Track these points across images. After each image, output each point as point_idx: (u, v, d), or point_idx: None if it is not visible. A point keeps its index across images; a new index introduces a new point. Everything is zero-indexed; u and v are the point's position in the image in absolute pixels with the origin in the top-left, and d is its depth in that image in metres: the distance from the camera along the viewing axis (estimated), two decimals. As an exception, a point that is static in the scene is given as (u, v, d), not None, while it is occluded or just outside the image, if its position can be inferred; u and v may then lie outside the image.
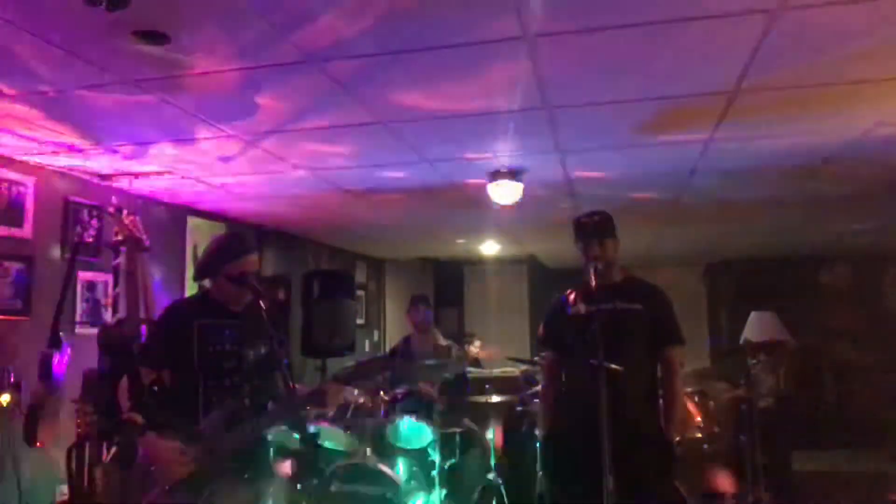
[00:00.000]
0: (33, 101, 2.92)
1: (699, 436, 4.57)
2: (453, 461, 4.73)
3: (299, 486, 3.75)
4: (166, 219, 5.04)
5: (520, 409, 5.35)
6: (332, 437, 4.23)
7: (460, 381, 5.14)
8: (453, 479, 4.70)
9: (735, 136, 3.56)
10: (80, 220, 4.19)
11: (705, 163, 4.11)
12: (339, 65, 2.59)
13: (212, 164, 4.04)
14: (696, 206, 5.50)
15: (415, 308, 5.52)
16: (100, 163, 3.94)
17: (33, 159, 3.81)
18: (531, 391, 4.84)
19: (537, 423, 3.89)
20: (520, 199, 4.48)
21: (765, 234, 7.10)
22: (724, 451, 5.12)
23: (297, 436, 2.25)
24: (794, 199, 5.25)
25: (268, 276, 6.18)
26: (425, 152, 3.86)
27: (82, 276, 4.19)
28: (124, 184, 4.34)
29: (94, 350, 3.28)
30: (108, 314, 4.29)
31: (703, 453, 4.86)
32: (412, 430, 4.47)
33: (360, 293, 8.14)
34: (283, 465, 3.92)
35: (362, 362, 2.74)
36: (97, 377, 3.21)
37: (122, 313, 3.54)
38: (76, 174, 4.15)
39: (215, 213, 5.56)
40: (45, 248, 3.97)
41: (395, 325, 8.90)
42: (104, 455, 3.07)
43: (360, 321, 7.96)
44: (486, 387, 5.03)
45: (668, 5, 2.16)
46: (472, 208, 5.34)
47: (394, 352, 5.61)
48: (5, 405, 3.47)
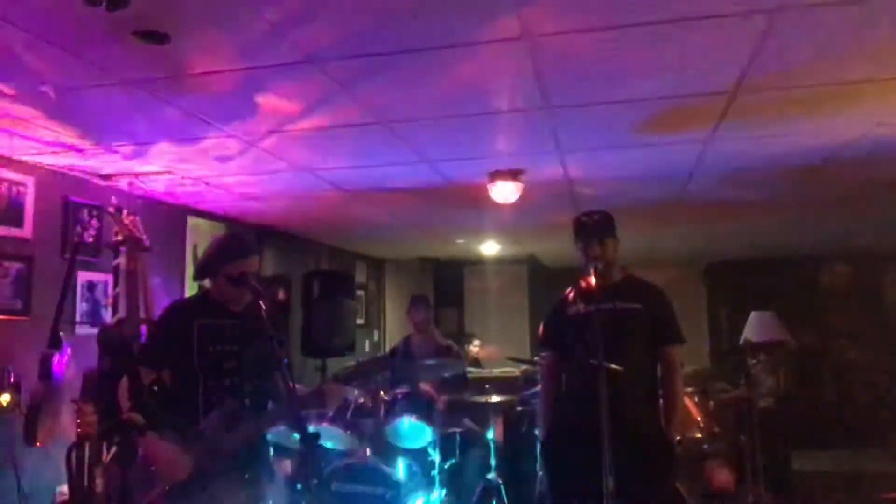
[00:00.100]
0: (33, 102, 2.92)
1: (699, 436, 4.57)
2: (453, 461, 4.74)
3: (299, 486, 3.76)
4: (166, 219, 5.04)
5: (520, 409, 5.35)
6: (332, 437, 4.24)
7: (460, 381, 5.14)
8: (453, 479, 4.70)
9: (735, 136, 3.56)
10: (79, 219, 4.19)
11: (705, 163, 4.11)
12: (339, 65, 2.58)
13: (212, 164, 4.03)
14: (696, 206, 5.49)
15: (415, 308, 5.51)
16: (100, 163, 3.94)
17: (33, 159, 3.81)
18: (531, 391, 4.84)
19: (537, 423, 3.90)
20: (520, 199, 4.49)
21: (765, 234, 7.09)
22: (724, 451, 5.13)
23: (297, 436, 2.25)
24: (794, 199, 5.25)
25: (268, 276, 6.17)
26: (425, 152, 3.86)
27: (82, 276, 4.18)
28: (124, 184, 4.35)
29: (94, 350, 3.28)
30: (108, 314, 4.29)
31: (703, 453, 4.87)
32: (412, 430, 4.48)
33: (360, 293, 8.13)
34: (283, 465, 3.93)
35: (362, 362, 2.75)
36: (97, 377, 3.20)
37: (122, 313, 3.53)
38: (76, 174, 4.15)
39: (215, 213, 5.55)
40: (44, 248, 3.96)
41: (395, 325, 8.90)
42: (104, 455, 3.06)
43: (360, 321, 7.94)
44: (486, 387, 5.03)
45: (668, 5, 2.15)
46: (472, 208, 5.33)
47: (394, 352, 5.60)
48: (5, 405, 3.47)
